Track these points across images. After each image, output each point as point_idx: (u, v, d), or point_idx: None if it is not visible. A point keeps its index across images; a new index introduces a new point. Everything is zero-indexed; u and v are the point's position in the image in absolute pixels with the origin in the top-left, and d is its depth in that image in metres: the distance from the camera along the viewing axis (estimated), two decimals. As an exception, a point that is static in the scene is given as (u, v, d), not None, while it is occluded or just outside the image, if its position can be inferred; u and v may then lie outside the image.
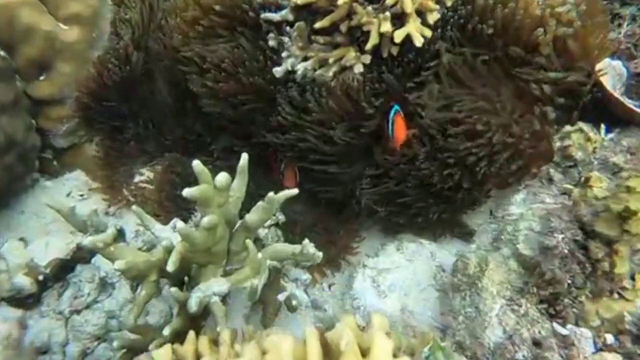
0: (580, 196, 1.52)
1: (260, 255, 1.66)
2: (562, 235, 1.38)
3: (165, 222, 2.22)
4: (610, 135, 1.84)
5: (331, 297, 2.22)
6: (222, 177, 1.61)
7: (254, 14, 1.86)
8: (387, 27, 1.60)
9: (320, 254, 1.80)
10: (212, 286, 1.62)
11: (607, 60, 1.91)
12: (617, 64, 1.97)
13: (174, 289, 1.61)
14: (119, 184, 2.34)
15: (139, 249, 2.08)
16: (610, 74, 1.96)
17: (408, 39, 1.65)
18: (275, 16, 1.82)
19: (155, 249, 1.72)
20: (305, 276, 2.14)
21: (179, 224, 1.51)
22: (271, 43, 1.84)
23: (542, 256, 1.40)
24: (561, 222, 1.39)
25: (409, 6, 1.59)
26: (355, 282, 2.02)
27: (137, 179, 2.37)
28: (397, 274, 1.99)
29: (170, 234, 1.81)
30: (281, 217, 2.06)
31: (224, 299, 1.70)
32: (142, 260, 1.62)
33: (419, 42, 1.62)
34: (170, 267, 1.49)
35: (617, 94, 1.85)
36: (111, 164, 2.33)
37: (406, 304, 1.92)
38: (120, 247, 1.64)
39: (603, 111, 1.91)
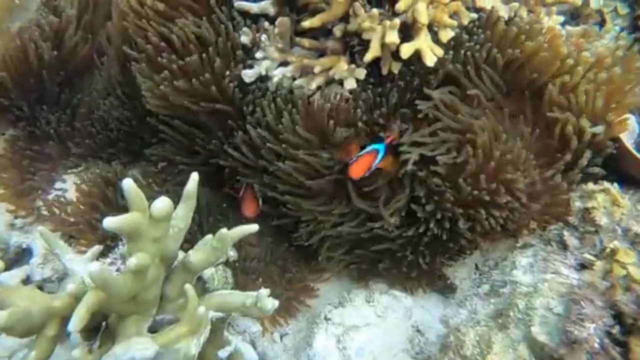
0: (604, 272, 1.25)
1: (201, 309, 1.27)
2: (594, 325, 1.09)
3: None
4: (626, 197, 1.60)
5: (283, 352, 1.84)
6: (162, 203, 1.22)
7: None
8: (393, 37, 1.28)
9: (277, 302, 1.42)
10: (133, 349, 1.21)
11: (629, 115, 1.69)
12: (631, 118, 1.76)
13: (76, 352, 1.18)
14: (32, 191, 1.86)
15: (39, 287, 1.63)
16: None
17: (416, 55, 1.34)
18: (253, 7, 1.45)
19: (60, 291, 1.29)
20: (256, 328, 1.76)
21: (93, 265, 1.09)
22: (244, 39, 1.47)
23: (566, 348, 1.11)
24: (593, 308, 1.10)
25: (423, 16, 1.27)
26: (315, 339, 1.66)
27: (57, 187, 1.91)
28: (367, 334, 1.65)
29: (86, 267, 1.39)
30: (232, 254, 1.66)
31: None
32: (40, 307, 1.19)
33: (430, 61, 1.31)
34: (72, 327, 1.06)
35: (635, 151, 1.63)
36: (23, 165, 1.85)
37: (375, 376, 1.58)
38: (6, 288, 1.18)
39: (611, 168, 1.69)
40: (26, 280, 1.69)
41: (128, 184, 1.16)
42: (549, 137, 1.52)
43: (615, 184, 1.65)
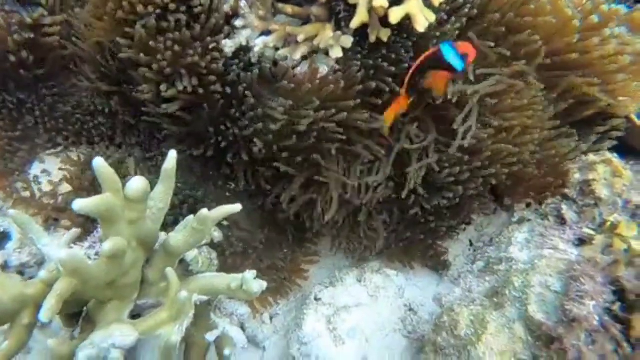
0: (604, 246, 1.19)
1: (183, 294, 1.21)
2: (594, 302, 1.04)
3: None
4: (628, 168, 1.54)
5: (274, 334, 1.80)
6: (137, 183, 1.14)
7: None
8: (381, 0, 1.19)
9: (264, 284, 1.36)
10: (112, 336, 1.15)
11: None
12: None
13: (51, 341, 1.12)
14: (10, 173, 1.78)
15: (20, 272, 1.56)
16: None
17: (406, 21, 1.25)
18: (232, -29, 1.35)
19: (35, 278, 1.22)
20: (244, 310, 1.71)
21: (63, 252, 1.01)
22: (225, 8, 1.37)
23: (564, 327, 1.06)
24: (594, 284, 1.04)
25: (413, -24, 1.18)
26: (306, 321, 1.61)
27: (37, 168, 1.82)
28: (358, 315, 1.60)
29: (60, 251, 1.31)
30: (217, 235, 1.60)
31: (131, 352, 1.24)
32: (12, 295, 1.12)
33: (421, 26, 1.22)
34: (42, 318, 0.99)
35: None
36: (0, 147, 1.77)
37: (367, 356, 1.53)
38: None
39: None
40: (3, 267, 1.62)
41: (98, 163, 1.08)
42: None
43: (616, 155, 1.60)
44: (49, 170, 1.87)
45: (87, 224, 1.61)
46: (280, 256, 1.91)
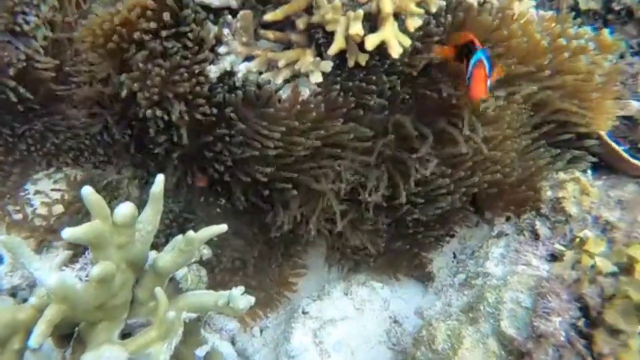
0: (573, 262, 1.25)
1: (171, 314, 1.25)
2: (560, 319, 1.09)
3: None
4: (598, 184, 1.60)
5: (263, 346, 1.84)
6: (124, 210, 1.19)
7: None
8: (357, 28, 1.24)
9: (252, 299, 1.41)
10: (102, 356, 1.20)
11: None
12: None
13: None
14: (2, 197, 1.82)
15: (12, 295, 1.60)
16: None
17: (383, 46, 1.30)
18: (214, 0, 1.40)
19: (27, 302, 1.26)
20: (233, 325, 1.76)
21: (52, 279, 1.06)
22: (210, 37, 1.42)
23: (533, 342, 1.11)
24: (559, 302, 1.10)
25: (387, 5, 1.23)
26: (293, 335, 1.66)
27: (28, 190, 1.87)
28: (344, 328, 1.66)
29: (51, 274, 1.36)
30: (206, 252, 1.65)
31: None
32: (3, 321, 1.16)
33: (396, 52, 1.27)
34: (32, 343, 1.04)
35: (610, 140, 1.62)
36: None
37: (352, 368, 1.59)
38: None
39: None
40: (-5, 288, 1.66)
41: (86, 191, 1.13)
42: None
43: (589, 171, 1.66)
44: (43, 192, 1.91)
45: (79, 246, 1.65)
46: (270, 270, 1.96)
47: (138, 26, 1.36)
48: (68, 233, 1.07)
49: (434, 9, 1.41)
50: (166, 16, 1.35)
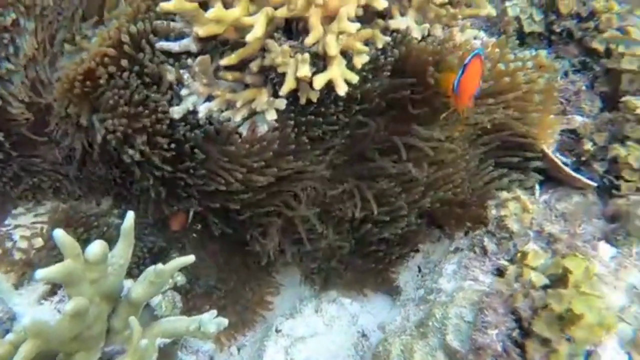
0: (516, 276, 1.36)
1: (144, 342, 1.34)
2: (496, 331, 1.20)
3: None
4: (545, 197, 1.72)
5: (240, 365, 1.94)
6: (96, 248, 1.28)
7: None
8: (305, 70, 1.35)
9: (225, 322, 1.50)
10: (79, 385, 1.29)
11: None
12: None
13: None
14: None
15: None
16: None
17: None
18: (174, 46, 1.50)
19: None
20: (207, 347, 1.85)
21: (25, 319, 1.15)
22: (169, 78, 1.52)
23: (473, 354, 1.22)
24: (496, 316, 1.21)
25: (333, 48, 1.34)
26: (266, 352, 1.75)
27: (9, 224, 1.95)
28: (314, 344, 1.75)
29: (30, 309, 1.45)
30: (180, 279, 1.74)
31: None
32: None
33: (342, 91, 1.38)
34: (9, 379, 1.13)
35: (552, 155, 1.74)
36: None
37: (320, 383, 1.69)
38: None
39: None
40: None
41: (58, 233, 1.22)
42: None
43: (537, 186, 1.77)
44: (24, 225, 1.99)
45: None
46: (246, 291, 2.05)
47: (100, 72, 1.47)
48: (41, 274, 1.16)
49: (380, 45, 1.53)
50: (124, 62, 1.46)
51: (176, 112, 1.53)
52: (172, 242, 1.94)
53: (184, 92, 1.51)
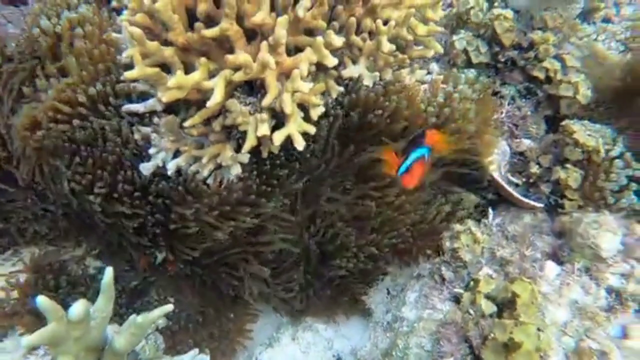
0: (470, 302, 1.49)
1: (129, 391, 1.44)
2: (453, 358, 1.33)
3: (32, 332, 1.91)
4: (497, 221, 1.86)
5: (226, 395, 2.04)
6: (78, 309, 1.36)
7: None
8: (264, 130, 1.45)
9: (207, 358, 1.61)
10: None
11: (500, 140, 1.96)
12: (502, 143, 2.02)
13: None
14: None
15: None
16: (495, 152, 2.00)
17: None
18: (140, 107, 1.59)
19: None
20: (193, 383, 1.94)
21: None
22: (137, 136, 1.61)
23: (433, 381, 1.35)
24: (450, 345, 1.34)
25: (288, 107, 1.45)
26: (248, 384, 1.86)
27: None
28: (292, 372, 1.87)
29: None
30: (161, 322, 1.83)
31: None
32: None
33: (300, 146, 1.49)
34: None
35: (498, 178, 1.88)
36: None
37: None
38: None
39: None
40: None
41: (40, 300, 1.30)
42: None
43: (490, 210, 1.91)
44: (2, 274, 2.05)
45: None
46: (224, 320, 2.15)
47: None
48: (27, 341, 1.24)
49: (334, 95, 1.64)
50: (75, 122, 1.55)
51: (146, 168, 1.62)
52: (146, 281, 2.03)
53: (152, 150, 1.60)
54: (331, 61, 1.48)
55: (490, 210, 1.90)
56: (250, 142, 1.49)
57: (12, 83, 1.82)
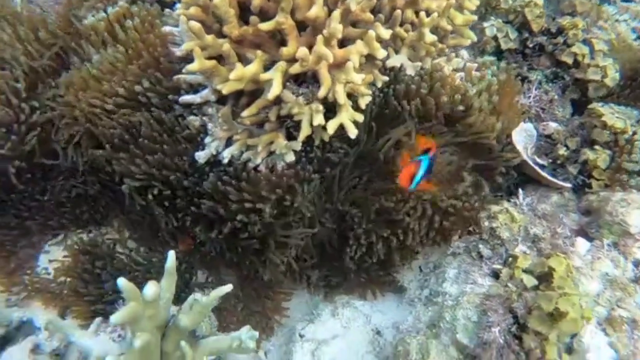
0: (508, 277, 1.60)
1: (198, 363, 1.56)
2: (498, 328, 1.45)
3: (86, 315, 2.03)
4: (527, 200, 1.96)
5: (269, 368, 2.17)
6: (152, 290, 1.47)
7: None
8: (320, 119, 1.54)
9: (256, 334, 1.73)
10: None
11: (521, 123, 2.05)
12: (529, 126, 2.11)
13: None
14: (18, 269, 2.06)
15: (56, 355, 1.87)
16: (522, 135, 2.09)
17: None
18: (196, 98, 1.67)
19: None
20: (242, 357, 2.07)
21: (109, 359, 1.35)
22: (196, 124, 1.69)
23: (481, 348, 1.47)
24: (497, 316, 1.45)
25: (342, 97, 1.53)
26: (294, 357, 1.98)
27: (42, 260, 2.11)
28: (336, 345, 1.99)
29: (93, 342, 1.63)
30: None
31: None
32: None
33: (353, 134, 1.58)
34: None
35: (528, 159, 1.98)
36: (6, 244, 2.04)
37: (347, 377, 1.93)
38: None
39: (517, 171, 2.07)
40: (35, 350, 1.91)
41: (121, 282, 1.41)
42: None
43: (520, 190, 2.02)
44: (51, 260, 2.16)
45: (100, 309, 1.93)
46: (262, 299, 2.27)
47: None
48: (116, 319, 1.36)
49: (379, 85, 1.72)
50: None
51: (202, 157, 1.71)
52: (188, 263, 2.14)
53: (207, 140, 1.69)
54: (382, 53, 1.56)
55: (520, 190, 2.00)
56: (305, 131, 1.57)
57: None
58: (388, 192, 1.83)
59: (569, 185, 1.99)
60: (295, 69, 1.51)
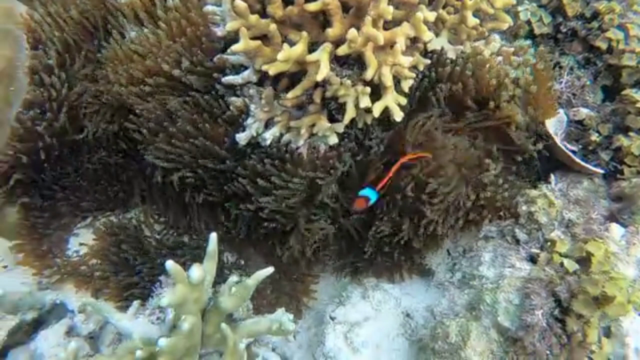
0: (546, 262, 1.62)
1: (242, 345, 1.57)
2: (541, 311, 1.47)
3: (117, 296, 2.03)
4: (560, 186, 1.97)
5: (298, 349, 2.18)
6: (197, 273, 1.47)
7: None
8: (366, 102, 1.53)
9: (291, 317, 1.74)
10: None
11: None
12: (560, 112, 2.11)
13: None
14: (50, 251, 2.05)
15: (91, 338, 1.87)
16: (554, 121, 2.09)
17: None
18: (237, 78, 1.65)
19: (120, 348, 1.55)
20: (274, 338, 2.09)
21: (161, 341, 1.36)
22: (238, 104, 1.68)
23: (524, 331, 1.49)
24: (540, 299, 1.47)
25: (388, 80, 1.52)
26: (327, 338, 2.00)
27: (72, 243, 2.10)
28: (368, 327, 2.01)
29: (133, 324, 1.64)
30: (249, 283, 1.95)
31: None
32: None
33: (398, 116, 1.57)
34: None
35: (562, 145, 1.99)
36: (39, 229, 2.03)
37: (379, 359, 1.95)
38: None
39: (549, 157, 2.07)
40: (69, 332, 1.92)
41: (170, 264, 1.41)
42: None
43: (552, 175, 2.02)
44: (82, 243, 2.15)
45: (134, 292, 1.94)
46: (291, 282, 2.28)
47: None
48: (166, 301, 1.36)
49: (421, 68, 1.71)
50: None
51: (242, 138, 1.69)
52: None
53: (249, 121, 1.67)
54: (428, 35, 1.55)
55: (552, 176, 2.01)
56: (350, 114, 1.57)
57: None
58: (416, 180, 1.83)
59: (601, 171, 1.99)
60: (343, 50, 1.50)
